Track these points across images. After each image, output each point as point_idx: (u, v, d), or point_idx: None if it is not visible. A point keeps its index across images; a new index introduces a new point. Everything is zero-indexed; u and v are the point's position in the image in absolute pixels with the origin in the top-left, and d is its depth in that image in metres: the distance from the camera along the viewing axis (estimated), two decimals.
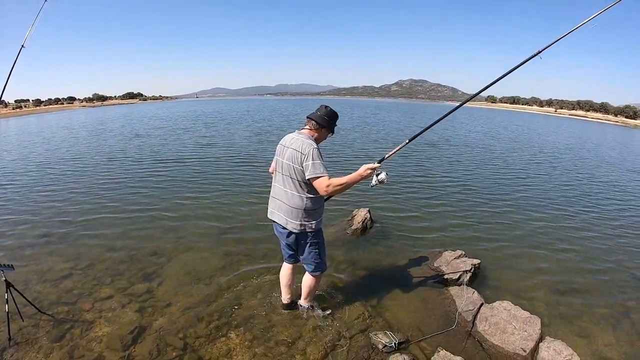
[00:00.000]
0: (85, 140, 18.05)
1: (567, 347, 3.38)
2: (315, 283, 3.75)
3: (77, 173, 10.54)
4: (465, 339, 3.72)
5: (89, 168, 11.27)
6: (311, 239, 3.42)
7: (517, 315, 3.76)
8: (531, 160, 15.22)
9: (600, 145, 24.97)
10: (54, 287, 4.38)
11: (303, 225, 3.31)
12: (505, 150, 17.73)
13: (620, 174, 13.64)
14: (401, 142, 3.64)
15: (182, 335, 3.55)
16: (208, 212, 7.04)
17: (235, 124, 26.60)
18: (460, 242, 6.06)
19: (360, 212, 6.44)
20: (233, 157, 12.89)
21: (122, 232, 6.04)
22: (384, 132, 23.21)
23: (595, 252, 6.11)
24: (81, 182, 9.41)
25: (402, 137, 20.37)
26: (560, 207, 8.54)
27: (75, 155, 13.74)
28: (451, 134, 23.19)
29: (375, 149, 15.20)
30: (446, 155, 14.68)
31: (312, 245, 3.46)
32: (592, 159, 16.96)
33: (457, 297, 4.24)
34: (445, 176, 11.21)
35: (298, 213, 3.27)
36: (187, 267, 4.91)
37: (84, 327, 3.65)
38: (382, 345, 3.44)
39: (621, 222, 7.78)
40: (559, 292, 4.80)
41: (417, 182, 10.18)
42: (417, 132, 3.68)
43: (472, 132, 25.83)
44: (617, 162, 16.71)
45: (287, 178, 3.27)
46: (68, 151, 14.67)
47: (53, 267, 4.87)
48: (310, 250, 3.48)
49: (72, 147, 16.01)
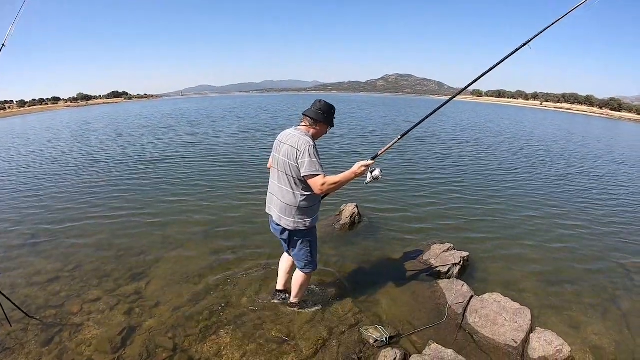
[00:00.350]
0: (69, 142, 17.68)
1: (557, 337, 3.40)
2: (305, 280, 3.73)
3: (60, 175, 10.33)
4: (456, 332, 3.74)
5: (74, 170, 11.06)
6: (303, 236, 3.41)
7: (507, 306, 3.77)
8: (519, 153, 15.29)
9: (587, 137, 25.19)
10: (41, 290, 4.31)
11: (296, 223, 3.28)
12: (492, 143, 17.80)
13: (607, 166, 13.79)
14: (392, 138, 3.64)
15: (172, 335, 3.52)
16: (194, 212, 6.97)
17: (221, 122, 26.27)
18: (449, 235, 6.08)
19: (348, 207, 6.44)
20: (219, 156, 12.72)
21: (109, 233, 5.96)
22: (370, 127, 23.11)
23: (582, 242, 6.17)
24: (65, 184, 9.24)
25: (389, 131, 20.42)
26: (548, 199, 8.61)
27: (58, 156, 13.48)
28: (438, 128, 23.24)
29: (361, 145, 15.17)
30: (434, 150, 14.72)
31: (303, 242, 3.44)
32: (579, 152, 17.12)
33: (447, 290, 4.25)
34: (432, 170, 11.26)
35: (291, 210, 3.25)
36: (174, 266, 4.87)
37: (72, 330, 3.60)
38: (373, 340, 3.43)
39: (608, 213, 7.87)
40: (547, 283, 4.83)
41: (405, 176, 10.22)
42: (408, 128, 3.66)
43: (459, 126, 25.89)
44: (605, 154, 16.86)
45: (283, 174, 3.24)
46: (52, 152, 14.43)
47: (40, 270, 4.79)
48: (302, 247, 3.46)
49: (56, 148, 15.73)
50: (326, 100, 3.33)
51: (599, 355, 3.59)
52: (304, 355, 3.31)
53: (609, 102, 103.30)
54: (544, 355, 3.32)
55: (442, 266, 4.77)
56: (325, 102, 3.32)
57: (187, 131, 20.74)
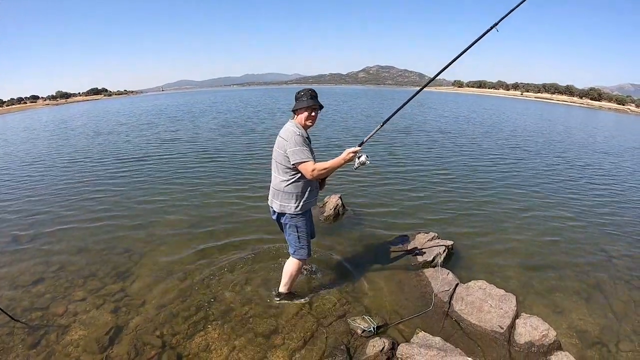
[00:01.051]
0: (47, 142, 17.13)
1: (543, 322, 3.47)
2: (294, 269, 3.78)
3: (38, 177, 10.07)
4: (443, 320, 3.79)
5: (52, 171, 10.76)
6: (290, 220, 3.54)
7: (492, 293, 3.82)
8: (503, 144, 15.41)
9: (571, 127, 25.48)
10: (25, 292, 4.25)
11: (283, 207, 3.49)
12: (475, 134, 17.92)
13: (591, 155, 13.98)
14: (375, 126, 3.73)
15: (160, 333, 3.50)
16: (177, 209, 6.91)
17: (201, 117, 25.76)
18: (433, 224, 6.14)
19: (331, 199, 6.46)
20: (199, 153, 12.52)
21: (91, 234, 5.87)
22: (352, 120, 23.03)
23: (565, 230, 6.28)
24: (43, 185, 9.01)
25: (372, 124, 20.41)
26: (532, 188, 8.72)
27: (36, 158, 13.04)
28: (422, 120, 23.35)
29: (345, 138, 15.10)
30: (417, 142, 14.73)
31: (291, 227, 3.58)
32: (563, 142, 17.29)
33: (433, 279, 4.29)
34: (415, 161, 11.35)
35: (280, 194, 3.48)
36: (159, 263, 4.83)
37: (59, 332, 3.56)
38: (361, 330, 3.46)
39: (591, 201, 8.01)
40: (531, 269, 4.92)
41: (388, 167, 10.27)
42: (388, 116, 3.74)
43: (443, 117, 26.04)
44: (589, 144, 17.07)
45: (275, 163, 3.48)
46: (29, 153, 14.01)
47: (23, 272, 4.71)
48: (290, 232, 3.61)
49: (33, 149, 15.27)
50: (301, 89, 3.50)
51: (584, 339, 3.67)
52: (292, 347, 3.33)
53: (589, 91, 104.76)
54: (530, 340, 3.38)
55: (427, 255, 4.82)
56: (298, 90, 3.48)
57: (166, 127, 20.25)
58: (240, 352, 3.27)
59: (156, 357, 3.23)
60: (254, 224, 6.04)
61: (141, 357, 3.23)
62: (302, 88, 3.53)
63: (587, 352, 3.52)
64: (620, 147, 16.65)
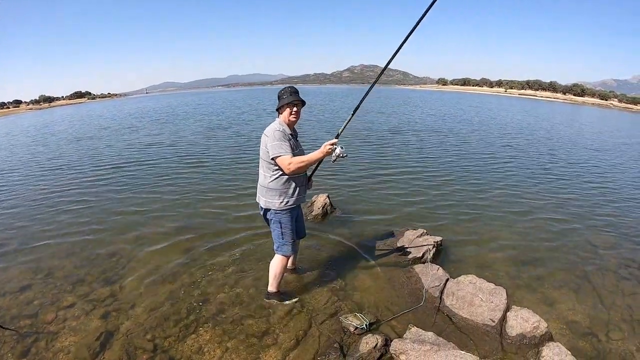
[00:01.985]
0: (27, 148, 16.56)
1: (534, 315, 3.51)
2: (278, 266, 3.80)
3: (20, 184, 9.93)
4: (435, 315, 3.82)
5: (32, 178, 10.55)
6: (274, 216, 3.62)
7: (482, 287, 3.85)
8: (490, 141, 15.52)
9: (556, 123, 25.69)
10: (13, 299, 4.18)
11: (267, 202, 3.58)
12: (462, 132, 18.05)
13: (579, 152, 14.12)
14: (348, 118, 3.77)
15: (151, 337, 3.46)
16: (164, 212, 6.81)
17: (185, 120, 25.02)
18: (421, 221, 6.16)
19: (319, 198, 6.46)
20: (183, 157, 12.23)
21: (78, 239, 5.78)
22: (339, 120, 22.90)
23: (552, 224, 6.37)
24: (26, 193, 8.80)
25: (367, 123, 20.39)
26: (517, 184, 8.83)
27: (15, 166, 12.57)
28: (408, 118, 23.44)
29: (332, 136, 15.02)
30: (404, 141, 14.71)
31: (275, 223, 3.65)
32: (551, 138, 17.39)
33: (423, 275, 4.31)
34: (401, 160, 11.36)
35: (264, 190, 3.58)
36: (148, 266, 4.78)
37: (49, 339, 3.50)
38: (354, 327, 3.47)
39: (578, 195, 8.14)
40: (520, 263, 4.98)
41: (375, 166, 10.28)
42: (357, 104, 3.74)
43: (428, 115, 26.15)
44: (578, 141, 17.16)
45: (260, 160, 3.57)
46: (7, 161, 13.56)
47: (11, 279, 4.64)
48: (274, 228, 3.68)
49: (11, 156, 14.67)
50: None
51: (575, 329, 3.73)
52: (285, 347, 3.32)
53: (573, 87, 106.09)
54: (521, 332, 3.42)
55: (416, 251, 4.84)
56: (279, 90, 3.57)
57: (149, 131, 19.56)
58: (233, 353, 3.25)
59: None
60: (242, 224, 6.01)
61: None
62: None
63: (579, 342, 3.57)
64: (608, 144, 16.86)
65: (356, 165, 10.19)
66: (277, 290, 3.93)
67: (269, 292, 3.92)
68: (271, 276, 3.85)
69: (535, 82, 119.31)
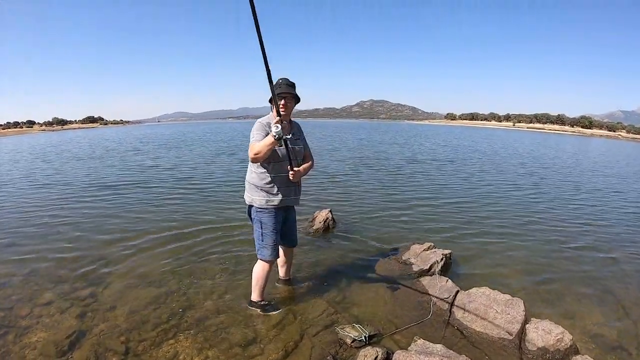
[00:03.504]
0: (27, 165, 16.39)
1: (556, 326, 3.12)
2: (259, 272, 3.53)
3: (31, 190, 9.96)
4: (444, 328, 3.42)
5: (47, 185, 10.65)
6: (256, 214, 3.41)
7: (497, 298, 3.48)
8: (502, 166, 15.57)
9: (566, 151, 25.66)
10: None
11: (249, 198, 3.43)
12: (475, 160, 18.05)
13: (594, 177, 13.83)
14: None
15: (125, 339, 3.15)
16: (157, 220, 6.66)
17: (191, 146, 25.24)
18: (428, 237, 5.84)
19: (321, 213, 6.22)
20: (181, 171, 12.43)
21: (68, 239, 5.64)
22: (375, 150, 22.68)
23: (568, 238, 6.16)
24: (33, 197, 8.89)
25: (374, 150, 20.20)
26: (531, 203, 8.66)
27: (16, 176, 12.88)
28: (421, 149, 23.28)
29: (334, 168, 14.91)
30: (415, 168, 14.51)
31: (256, 222, 3.44)
32: (569, 167, 17.23)
33: (430, 287, 3.94)
34: (410, 179, 11.43)
35: (248, 186, 3.43)
36: (135, 271, 4.53)
37: (18, 333, 3.28)
38: (351, 339, 3.08)
39: (594, 212, 8.01)
40: (535, 276, 4.67)
41: (384, 188, 10.10)
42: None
43: (440, 147, 26.11)
44: (595, 168, 17.00)
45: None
46: (7, 175, 13.52)
47: None
48: (255, 228, 3.47)
49: (12, 171, 14.95)
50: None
51: (602, 343, 3.38)
52: (272, 358, 2.96)
53: (580, 120, 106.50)
54: (543, 346, 3.02)
55: (423, 264, 4.50)
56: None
57: (157, 154, 19.45)
58: None
59: None
60: (237, 234, 5.80)
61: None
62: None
63: (607, 356, 3.20)
64: (626, 171, 16.66)
65: (364, 186, 10.13)
66: (261, 299, 3.62)
67: (252, 301, 3.63)
68: (253, 283, 3.58)
69: (543, 115, 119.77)
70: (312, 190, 9.20)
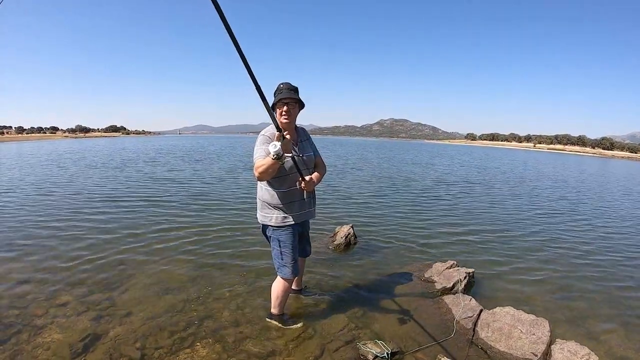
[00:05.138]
0: (44, 170, 16.47)
1: (582, 347, 3.02)
2: (279, 289, 3.41)
3: (52, 191, 9.99)
4: (467, 348, 3.30)
5: (75, 188, 10.73)
6: (272, 233, 3.27)
7: (521, 318, 3.36)
8: (523, 187, 15.28)
9: (590, 173, 25.06)
10: (7, 290, 4.03)
11: (263, 217, 3.26)
12: (496, 180, 17.81)
13: (620, 198, 13.65)
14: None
15: (140, 345, 3.09)
16: (179, 229, 6.62)
17: (212, 159, 25.21)
18: (451, 255, 5.72)
19: (343, 229, 6.12)
20: (208, 178, 12.48)
21: (88, 244, 5.63)
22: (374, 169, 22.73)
23: (592, 259, 6.02)
24: (56, 196, 8.94)
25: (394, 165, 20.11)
26: (554, 224, 8.46)
27: (41, 174, 13.05)
28: (446, 170, 23.04)
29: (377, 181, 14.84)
30: (441, 188, 14.42)
31: (274, 241, 3.28)
32: (594, 189, 16.92)
33: (454, 305, 3.83)
34: (433, 198, 11.27)
35: (261, 204, 3.28)
36: (154, 277, 4.48)
37: (32, 333, 3.26)
38: (373, 355, 2.99)
39: (618, 232, 7.86)
40: (559, 297, 4.53)
41: (405, 203, 10.12)
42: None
43: (461, 167, 26.00)
44: (618, 188, 16.69)
45: None
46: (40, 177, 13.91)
47: (11, 271, 4.53)
48: (273, 247, 3.32)
49: (31, 170, 15.14)
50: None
51: None
52: None
53: (601, 141, 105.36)
54: None
55: (446, 282, 4.38)
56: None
57: (173, 165, 19.50)
58: None
59: None
60: (257, 245, 5.74)
61: None
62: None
63: None
64: None
65: (387, 203, 10.05)
66: (281, 313, 3.53)
67: (271, 313, 3.55)
68: (273, 297, 3.48)
69: (564, 136, 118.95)
70: (334, 206, 9.15)
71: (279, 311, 3.50)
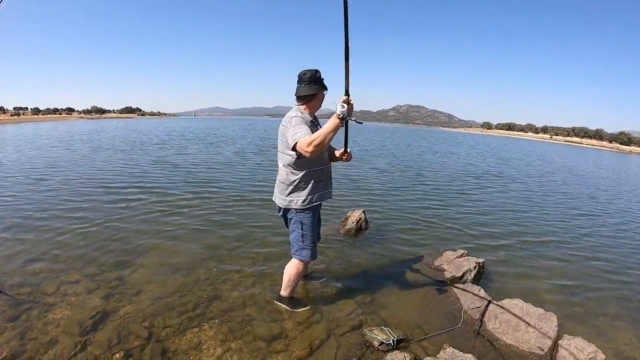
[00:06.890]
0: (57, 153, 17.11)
1: (589, 344, 2.98)
2: (293, 272, 3.41)
3: (70, 169, 10.13)
4: (474, 338, 3.29)
5: (83, 166, 10.89)
6: (296, 215, 3.24)
7: (530, 312, 3.34)
8: (540, 178, 15.21)
9: (607, 167, 24.63)
10: (20, 268, 4.07)
11: (288, 201, 3.21)
12: (513, 170, 17.73)
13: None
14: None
15: (148, 324, 3.13)
16: (191, 211, 6.65)
17: (227, 140, 25.43)
18: (462, 244, 5.71)
19: (354, 213, 6.08)
20: (217, 162, 12.50)
21: (100, 221, 5.71)
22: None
23: (605, 254, 5.98)
24: (73, 176, 9.05)
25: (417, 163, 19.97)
26: (568, 216, 8.42)
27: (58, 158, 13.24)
28: (466, 160, 22.80)
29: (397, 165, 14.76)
30: (451, 171, 14.39)
31: (295, 223, 3.28)
32: (609, 183, 16.75)
33: (462, 295, 3.81)
34: (446, 184, 11.28)
35: (285, 188, 3.20)
36: (165, 258, 4.51)
37: (43, 310, 3.29)
38: (379, 342, 2.99)
39: (633, 229, 7.73)
40: (569, 293, 4.48)
41: (418, 191, 10.04)
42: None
43: (479, 156, 25.76)
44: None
45: (279, 153, 3.21)
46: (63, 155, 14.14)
47: (24, 250, 4.56)
48: (293, 229, 3.31)
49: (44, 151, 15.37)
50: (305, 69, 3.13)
51: None
52: (296, 355, 2.90)
53: (619, 136, 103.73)
54: None
55: (455, 271, 4.35)
56: (302, 71, 3.13)
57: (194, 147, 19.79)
58: (235, 354, 2.86)
59: (139, 348, 2.85)
60: (268, 228, 5.78)
61: (122, 346, 2.85)
62: (306, 70, 3.09)
63: None
64: None
65: (400, 190, 10.03)
66: (290, 296, 3.55)
67: (280, 296, 3.56)
68: (285, 280, 3.48)
69: (581, 129, 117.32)
70: (347, 191, 9.12)
71: (289, 294, 3.52)
